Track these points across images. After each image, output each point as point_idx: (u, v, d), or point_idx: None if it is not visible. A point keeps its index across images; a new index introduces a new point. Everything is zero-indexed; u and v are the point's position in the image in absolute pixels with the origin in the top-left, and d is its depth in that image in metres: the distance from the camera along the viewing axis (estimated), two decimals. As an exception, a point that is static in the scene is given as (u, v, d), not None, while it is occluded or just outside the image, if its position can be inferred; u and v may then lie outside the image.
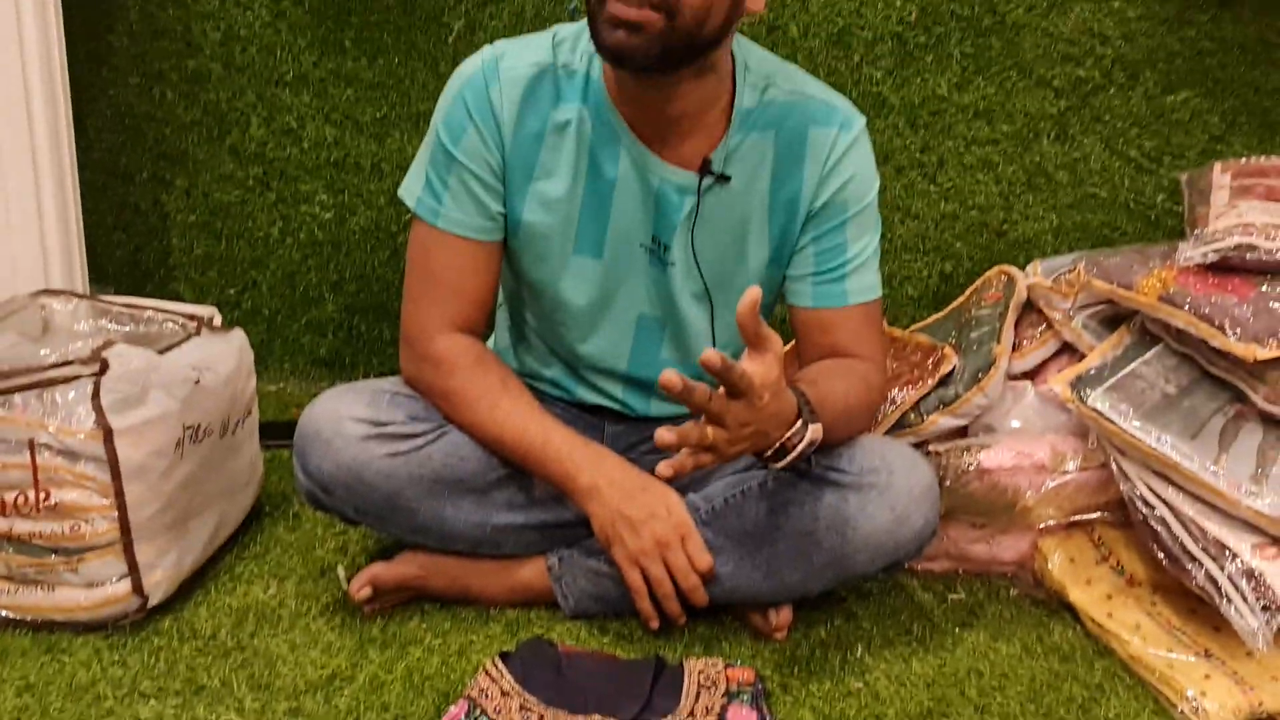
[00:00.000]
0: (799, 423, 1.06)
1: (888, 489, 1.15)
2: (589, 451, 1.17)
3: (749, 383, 0.98)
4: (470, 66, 1.20)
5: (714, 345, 1.28)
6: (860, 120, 1.23)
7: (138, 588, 1.24)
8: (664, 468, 1.00)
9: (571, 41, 1.20)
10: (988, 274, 1.76)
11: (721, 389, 0.99)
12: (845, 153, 1.20)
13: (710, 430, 1.00)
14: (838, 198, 1.21)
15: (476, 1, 1.86)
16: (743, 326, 0.98)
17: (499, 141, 1.18)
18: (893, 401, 1.51)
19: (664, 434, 0.97)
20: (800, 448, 1.06)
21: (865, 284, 1.24)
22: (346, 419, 1.19)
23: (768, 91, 1.20)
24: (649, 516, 1.13)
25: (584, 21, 1.22)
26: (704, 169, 1.19)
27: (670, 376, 0.94)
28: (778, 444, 1.06)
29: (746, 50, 1.21)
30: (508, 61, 1.18)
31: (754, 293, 0.96)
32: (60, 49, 1.68)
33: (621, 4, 1.03)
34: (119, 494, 1.21)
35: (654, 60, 1.06)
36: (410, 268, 1.24)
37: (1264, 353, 1.25)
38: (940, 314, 1.81)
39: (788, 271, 1.25)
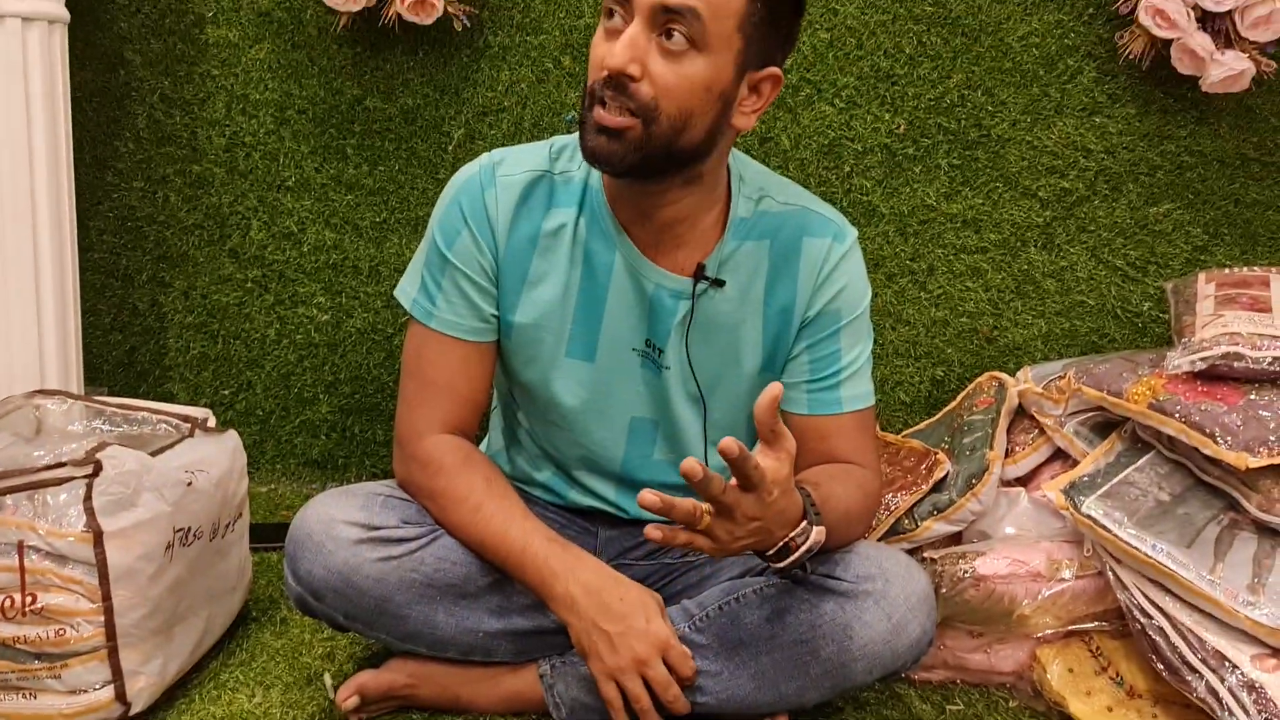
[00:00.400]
0: (804, 523, 1.06)
1: (884, 597, 1.13)
2: (567, 558, 1.15)
3: (762, 475, 0.98)
4: (468, 172, 1.23)
5: (705, 448, 1.28)
6: (853, 232, 1.26)
7: (121, 695, 1.21)
8: (652, 530, 0.99)
9: (570, 150, 1.23)
10: (979, 380, 1.78)
11: (734, 480, 0.99)
12: (838, 263, 1.23)
13: (709, 518, 0.99)
14: (831, 307, 1.23)
15: (476, 112, 1.92)
16: (760, 421, 0.98)
17: (493, 245, 1.20)
18: (887, 507, 1.51)
19: (648, 496, 0.96)
20: (804, 548, 1.06)
21: (859, 392, 1.25)
22: (339, 522, 1.18)
23: (762, 202, 1.23)
24: (626, 629, 1.10)
25: None
26: (698, 274, 1.21)
27: (693, 465, 0.94)
28: (781, 543, 1.06)
29: (742, 164, 1.25)
30: (505, 168, 1.21)
31: (775, 388, 0.97)
32: (68, 155, 1.71)
33: (603, 111, 1.07)
34: (106, 598, 1.19)
35: (632, 166, 1.09)
36: (404, 368, 1.25)
37: (1255, 461, 1.26)
38: (933, 419, 1.82)
39: (782, 379, 1.26)
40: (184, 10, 1.91)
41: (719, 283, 1.21)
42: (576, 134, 1.25)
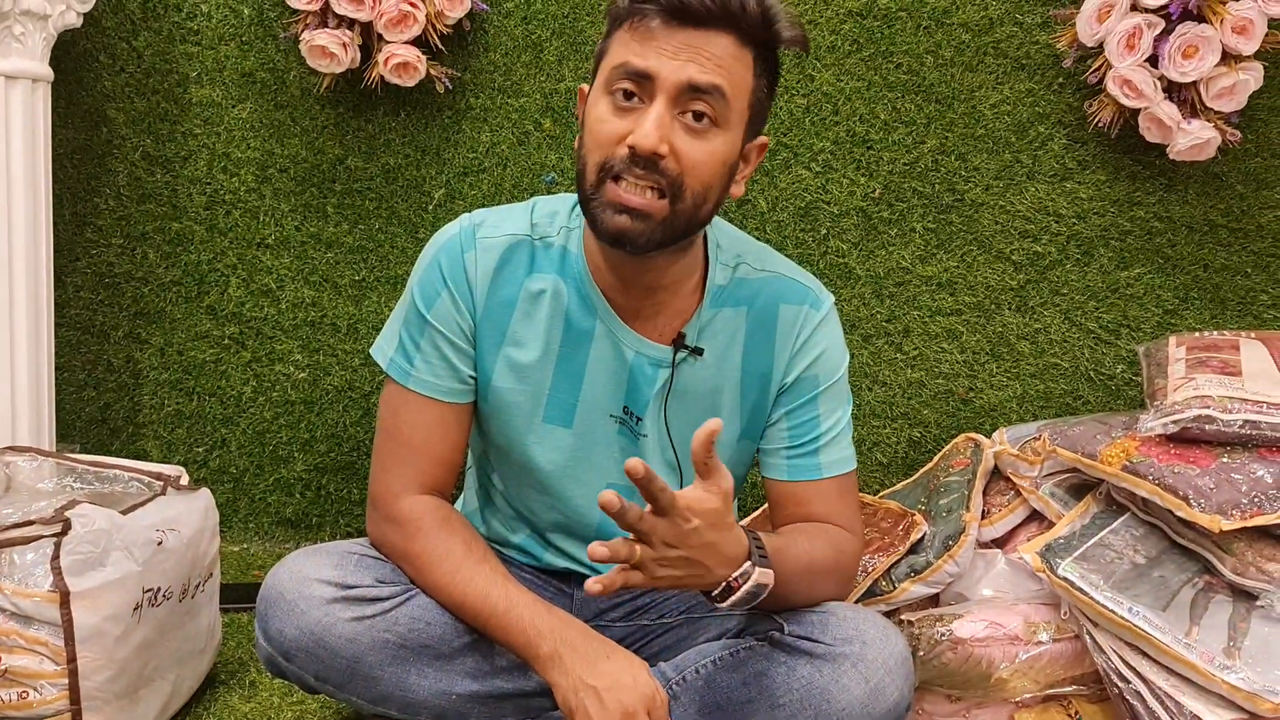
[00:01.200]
0: (747, 563, 1.05)
1: (861, 660, 1.12)
2: (552, 618, 1.14)
3: (670, 500, 0.98)
4: (448, 233, 1.23)
5: None
6: (829, 298, 1.26)
7: (83, 761, 1.18)
8: (592, 584, 0.98)
9: (550, 215, 1.24)
10: (955, 441, 1.79)
11: (650, 507, 0.99)
12: (815, 329, 1.23)
13: (639, 548, 0.99)
14: (808, 373, 1.23)
15: (457, 172, 1.93)
16: (694, 454, 0.99)
17: (471, 307, 1.20)
18: (864, 569, 1.50)
19: (596, 547, 0.95)
20: (745, 588, 1.05)
21: (838, 457, 1.25)
22: (313, 580, 1.17)
23: (739, 269, 1.24)
24: (613, 685, 1.09)
25: (563, 195, 1.26)
26: (678, 342, 1.21)
27: (609, 496, 0.94)
28: (723, 583, 1.05)
29: (718, 229, 1.26)
30: (485, 230, 1.21)
31: (713, 424, 0.97)
32: (47, 212, 1.72)
33: (627, 191, 1.06)
34: (71, 659, 1.17)
35: (656, 244, 1.10)
36: (380, 428, 1.24)
37: (1228, 524, 1.27)
38: (909, 480, 1.83)
39: (761, 445, 1.26)
40: (168, 70, 1.92)
41: (698, 351, 1.22)
42: (557, 196, 1.26)
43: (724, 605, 1.07)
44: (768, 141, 1.17)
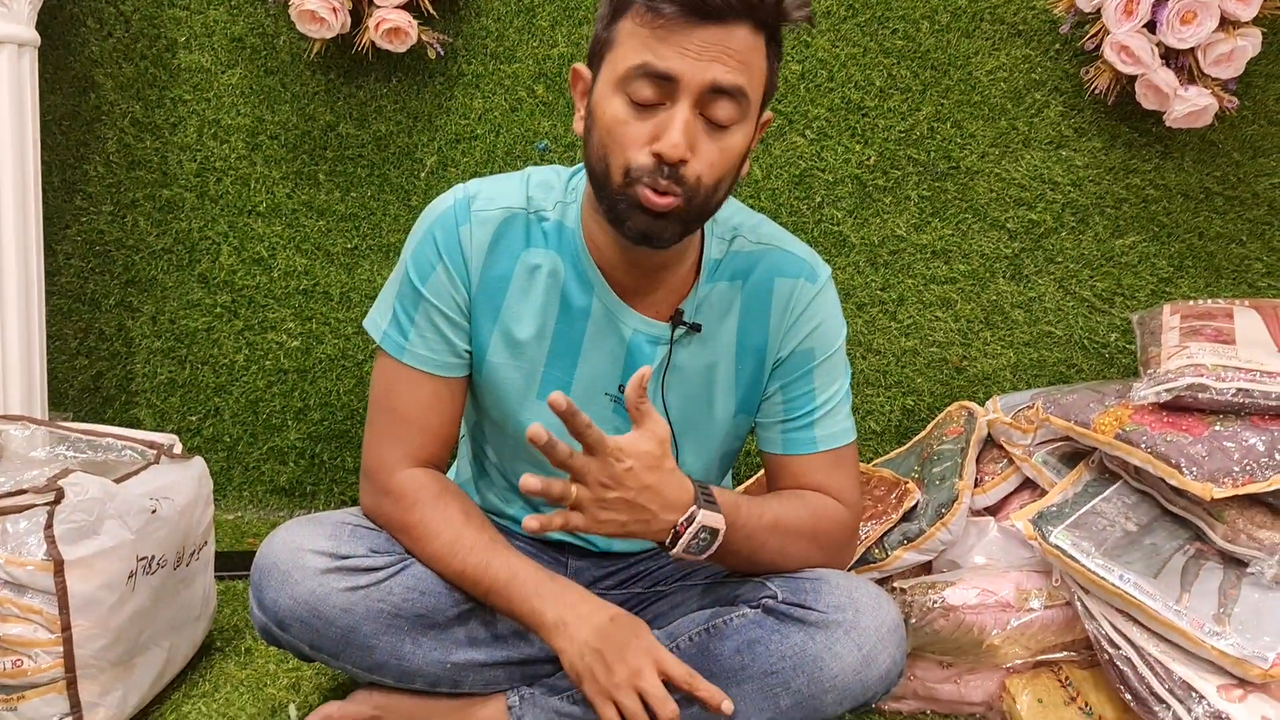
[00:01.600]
0: (693, 506, 1.06)
1: (854, 628, 1.13)
2: (554, 586, 1.15)
3: (598, 438, 0.99)
4: (442, 205, 1.21)
5: None
6: (826, 270, 1.25)
7: (79, 728, 1.19)
8: (530, 521, 0.98)
9: (544, 187, 1.22)
10: (949, 409, 1.79)
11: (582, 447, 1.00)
12: (810, 302, 1.22)
13: (574, 488, 1.00)
14: (803, 346, 1.23)
15: (449, 139, 1.92)
16: (627, 399, 1.00)
17: (466, 280, 1.19)
18: (858, 537, 1.51)
19: (529, 480, 0.96)
20: (692, 530, 1.06)
21: (834, 430, 1.24)
22: (307, 551, 1.17)
23: (735, 242, 1.23)
24: (620, 645, 1.10)
25: (556, 166, 1.25)
26: (676, 319, 1.20)
27: (537, 429, 0.95)
28: (671, 530, 1.06)
29: None
30: (479, 202, 1.19)
31: (644, 372, 0.99)
32: (36, 179, 1.70)
33: (654, 194, 1.05)
34: (66, 628, 1.17)
35: (678, 238, 1.10)
36: (373, 401, 1.24)
37: (1220, 492, 1.27)
38: (903, 448, 1.83)
39: (757, 419, 1.26)
40: (156, 35, 1.90)
41: (695, 327, 1.21)
42: (552, 168, 1.24)
43: (675, 552, 1.08)
44: (771, 117, 1.16)
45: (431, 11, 1.81)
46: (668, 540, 1.07)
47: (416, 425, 1.20)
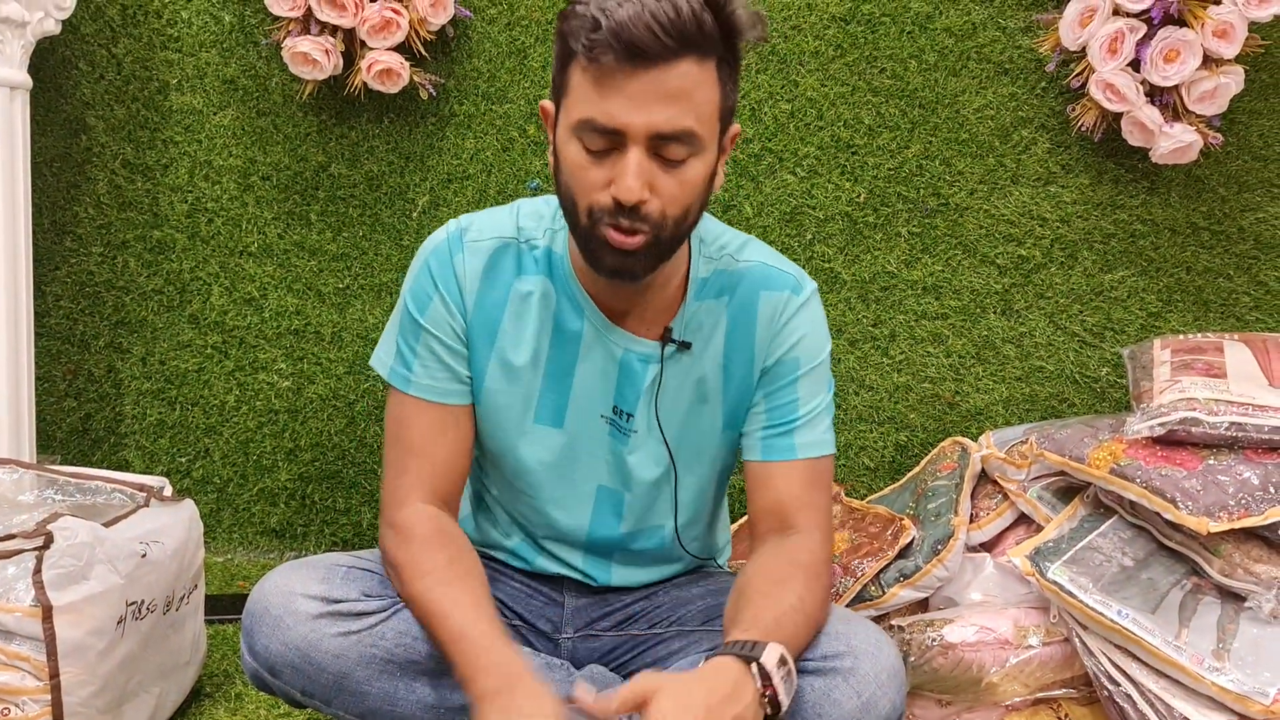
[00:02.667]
0: (752, 668, 1.02)
1: (853, 674, 1.11)
2: (499, 658, 1.08)
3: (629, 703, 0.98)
4: (437, 238, 1.23)
5: (676, 512, 1.27)
6: (811, 284, 1.25)
7: (66, 777, 1.17)
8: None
9: (534, 216, 1.24)
10: (942, 445, 1.79)
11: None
12: (795, 313, 1.22)
13: None
14: (788, 355, 1.23)
15: (441, 179, 1.92)
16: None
17: (462, 308, 1.20)
18: (853, 573, 1.50)
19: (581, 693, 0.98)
20: (777, 684, 1.02)
21: (813, 439, 1.23)
22: (299, 595, 1.15)
23: (721, 260, 1.23)
24: None
25: (547, 198, 1.26)
26: (665, 338, 1.21)
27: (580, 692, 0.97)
28: (764, 704, 1.02)
29: (701, 223, 1.24)
30: (472, 234, 1.22)
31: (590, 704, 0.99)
32: (26, 220, 1.70)
33: (618, 234, 1.06)
34: (54, 675, 1.15)
35: (651, 269, 1.11)
36: (386, 437, 1.24)
37: (1216, 526, 1.27)
38: (897, 484, 1.83)
39: (742, 430, 1.26)
40: (149, 78, 1.91)
41: (685, 345, 1.22)
42: (541, 199, 1.26)
43: (787, 706, 1.03)
44: (739, 129, 1.16)
45: (424, 53, 1.82)
46: (772, 710, 1.03)
47: (425, 457, 1.20)
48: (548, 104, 1.13)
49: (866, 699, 1.11)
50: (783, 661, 1.03)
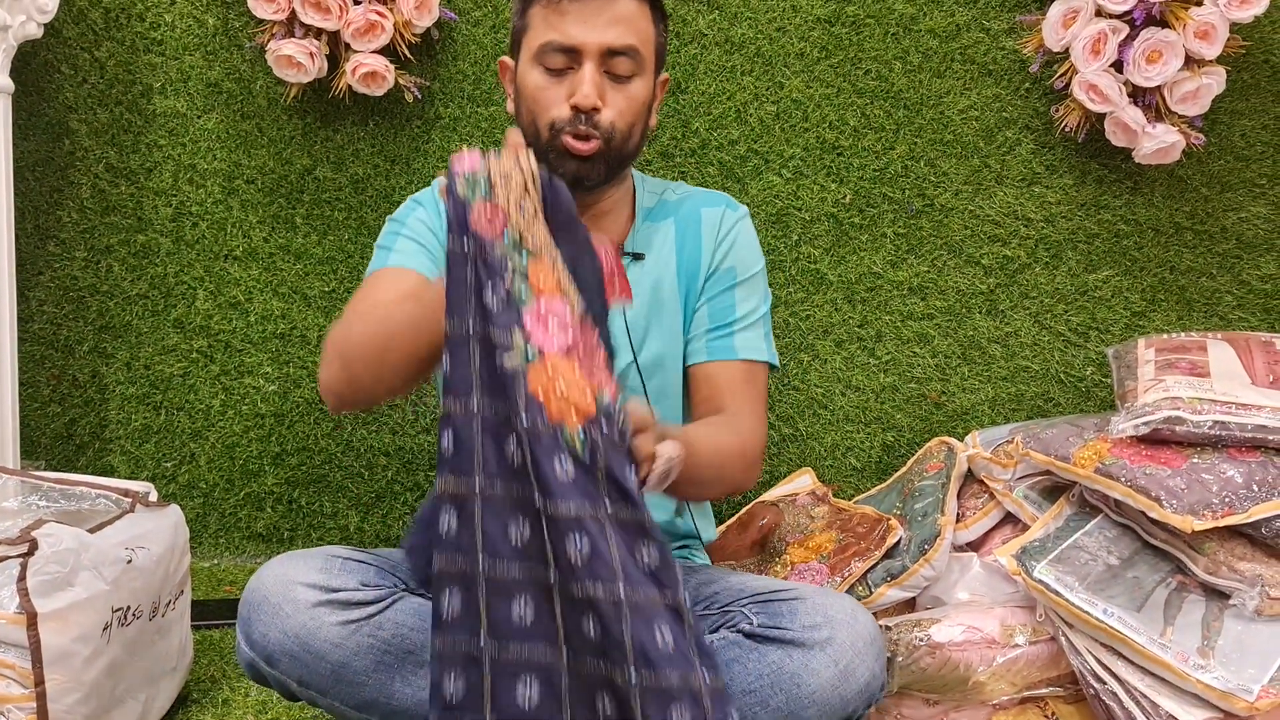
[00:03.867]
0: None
1: (830, 643, 1.13)
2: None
3: None
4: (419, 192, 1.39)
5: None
6: (744, 207, 1.41)
7: (52, 785, 1.16)
8: None
9: None
10: (928, 445, 1.79)
11: None
12: (734, 225, 1.38)
13: None
14: (726, 264, 1.37)
15: (426, 182, 1.91)
16: None
17: (439, 224, 1.32)
18: (842, 573, 1.50)
19: None
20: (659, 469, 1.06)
21: (751, 343, 1.35)
22: (298, 584, 1.16)
23: (664, 194, 1.42)
24: None
25: None
26: (620, 251, 1.34)
27: None
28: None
29: (641, 175, 1.43)
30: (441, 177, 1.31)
31: None
32: (9, 225, 1.69)
33: (576, 140, 1.24)
34: (40, 682, 1.15)
35: (604, 179, 1.28)
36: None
37: (1200, 524, 1.28)
38: (884, 484, 1.83)
39: (688, 335, 1.37)
40: (132, 81, 1.90)
41: (639, 256, 1.36)
42: None
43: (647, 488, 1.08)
44: (668, 78, 1.40)
45: (409, 56, 1.82)
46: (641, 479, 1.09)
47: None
48: (507, 59, 1.34)
49: (844, 667, 1.13)
50: (665, 471, 1.07)
